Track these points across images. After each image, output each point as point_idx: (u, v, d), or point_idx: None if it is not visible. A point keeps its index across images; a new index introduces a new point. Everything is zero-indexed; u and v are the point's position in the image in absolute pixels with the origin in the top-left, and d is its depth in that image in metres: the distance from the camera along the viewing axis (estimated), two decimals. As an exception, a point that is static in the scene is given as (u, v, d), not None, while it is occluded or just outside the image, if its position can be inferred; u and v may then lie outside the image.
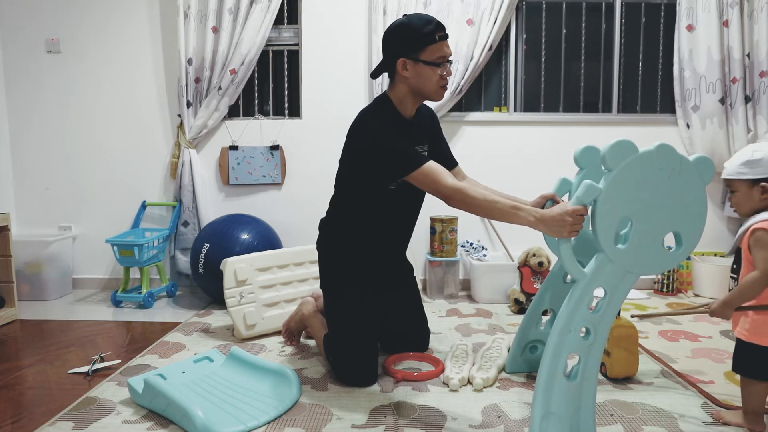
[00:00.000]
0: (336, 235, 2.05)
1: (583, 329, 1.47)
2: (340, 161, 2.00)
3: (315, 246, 2.21)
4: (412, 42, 1.79)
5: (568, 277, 1.92)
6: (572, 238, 1.49)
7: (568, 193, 1.91)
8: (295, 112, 3.43)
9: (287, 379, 1.85)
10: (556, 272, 1.97)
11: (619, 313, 2.00)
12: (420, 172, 1.71)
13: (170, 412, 1.67)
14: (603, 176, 1.43)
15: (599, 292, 1.48)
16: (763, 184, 1.55)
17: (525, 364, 2.04)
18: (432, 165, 1.72)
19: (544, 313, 2.04)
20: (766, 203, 1.56)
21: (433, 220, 3.19)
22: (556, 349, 1.43)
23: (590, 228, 1.45)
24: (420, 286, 2.88)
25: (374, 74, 1.95)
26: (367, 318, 1.99)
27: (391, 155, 1.76)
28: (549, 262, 2.93)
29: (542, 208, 1.75)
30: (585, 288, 1.43)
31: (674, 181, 1.43)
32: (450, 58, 1.85)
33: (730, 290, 1.59)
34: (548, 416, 1.43)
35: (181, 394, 1.67)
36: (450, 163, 2.10)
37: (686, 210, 1.45)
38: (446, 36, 1.83)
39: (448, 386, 1.91)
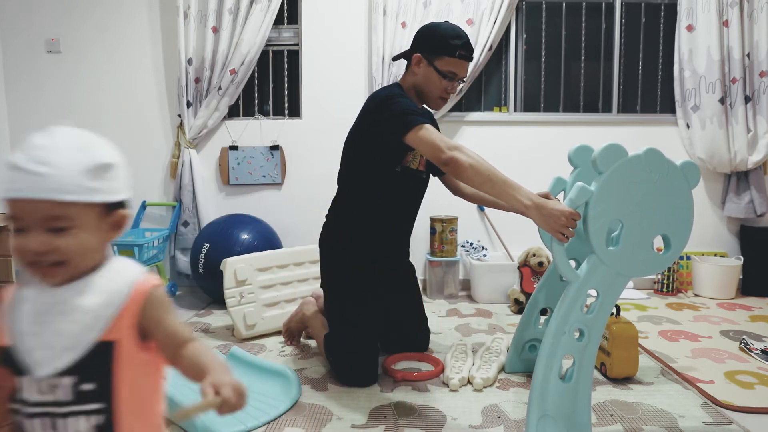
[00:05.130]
0: (338, 233, 2.05)
1: (577, 331, 1.47)
2: (345, 149, 2.02)
3: (314, 246, 2.21)
4: (434, 45, 1.88)
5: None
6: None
7: (563, 192, 1.92)
8: (295, 112, 3.44)
9: (287, 379, 1.85)
10: (552, 271, 1.98)
11: (618, 313, 2.01)
12: (425, 127, 1.70)
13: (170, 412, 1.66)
14: (594, 178, 1.44)
15: (592, 293, 1.49)
16: (120, 211, 0.88)
17: (524, 364, 2.04)
18: (432, 128, 1.72)
19: (543, 312, 2.04)
20: (103, 253, 0.86)
21: (433, 220, 3.19)
22: (550, 351, 1.43)
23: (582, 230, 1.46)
24: (420, 286, 2.88)
25: (395, 57, 2.03)
26: (367, 318, 1.99)
27: (400, 109, 1.75)
28: (549, 262, 2.93)
29: None
30: (578, 289, 1.44)
31: (662, 184, 1.45)
32: (463, 79, 1.93)
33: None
34: (544, 419, 1.43)
35: (181, 394, 1.67)
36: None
37: (674, 213, 1.48)
38: (468, 58, 1.89)
39: (448, 386, 1.91)
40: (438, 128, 2.15)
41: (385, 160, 1.92)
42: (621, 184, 1.42)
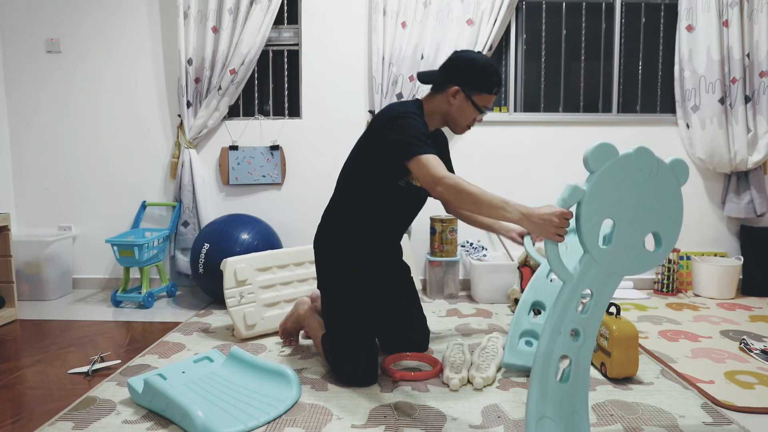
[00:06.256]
0: (335, 235, 2.05)
1: (573, 330, 1.47)
2: (352, 153, 2.01)
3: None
4: (477, 82, 1.90)
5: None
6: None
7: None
8: (295, 112, 3.44)
9: (287, 379, 1.85)
10: (541, 271, 2.00)
11: (618, 313, 2.01)
12: (423, 158, 1.70)
13: (170, 412, 1.67)
14: (586, 178, 1.45)
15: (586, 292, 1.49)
16: None
17: (520, 358, 2.05)
18: (435, 157, 1.72)
19: (537, 312, 2.07)
20: None
21: (433, 220, 3.19)
22: (547, 352, 1.43)
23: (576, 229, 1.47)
24: (420, 286, 2.88)
25: (422, 78, 1.99)
26: (366, 318, 2.00)
27: (407, 133, 1.76)
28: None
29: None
30: (573, 290, 1.44)
31: (653, 182, 1.45)
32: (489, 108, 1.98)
33: None
34: (543, 420, 1.43)
35: (181, 394, 1.67)
36: None
37: (664, 211, 1.48)
38: (497, 94, 1.97)
39: (448, 386, 1.91)
40: (446, 145, 2.17)
41: (390, 174, 1.93)
42: (613, 182, 1.42)
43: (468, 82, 1.90)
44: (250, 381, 1.91)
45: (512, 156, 3.38)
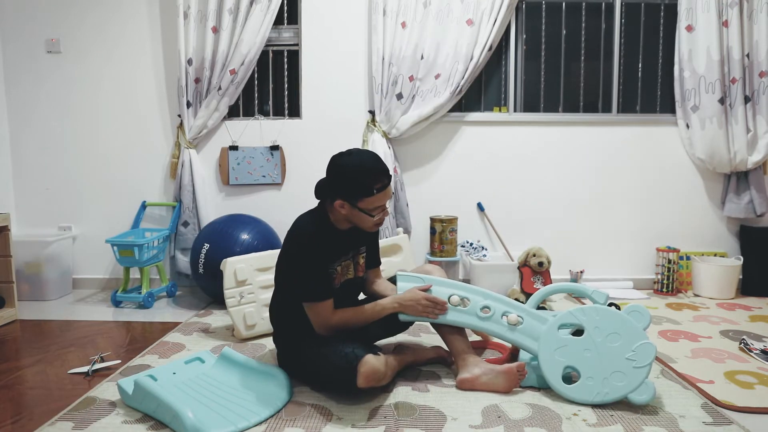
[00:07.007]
0: (290, 336, 1.97)
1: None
2: (279, 257, 1.96)
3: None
4: (351, 190, 1.79)
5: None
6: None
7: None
8: (295, 112, 3.44)
9: (277, 379, 1.85)
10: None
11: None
12: (314, 306, 1.84)
13: (160, 414, 1.66)
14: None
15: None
16: None
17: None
18: (326, 305, 1.84)
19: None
20: None
21: (433, 220, 3.19)
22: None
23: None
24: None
25: (315, 193, 1.92)
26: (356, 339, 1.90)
27: (304, 276, 1.83)
28: (549, 263, 2.93)
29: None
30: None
31: (613, 337, 1.79)
32: (388, 203, 1.93)
33: None
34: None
35: (171, 395, 1.66)
36: (374, 264, 2.14)
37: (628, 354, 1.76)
38: (386, 186, 1.82)
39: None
40: (373, 235, 2.05)
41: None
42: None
43: (345, 192, 1.79)
44: (242, 382, 1.90)
45: (512, 156, 3.38)
